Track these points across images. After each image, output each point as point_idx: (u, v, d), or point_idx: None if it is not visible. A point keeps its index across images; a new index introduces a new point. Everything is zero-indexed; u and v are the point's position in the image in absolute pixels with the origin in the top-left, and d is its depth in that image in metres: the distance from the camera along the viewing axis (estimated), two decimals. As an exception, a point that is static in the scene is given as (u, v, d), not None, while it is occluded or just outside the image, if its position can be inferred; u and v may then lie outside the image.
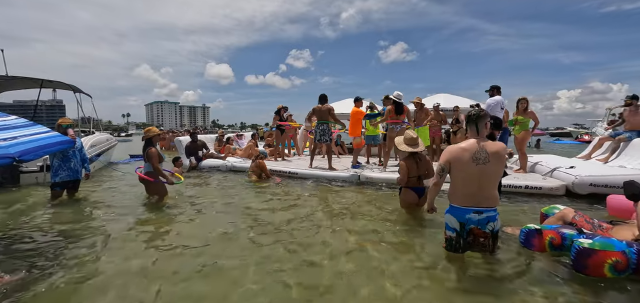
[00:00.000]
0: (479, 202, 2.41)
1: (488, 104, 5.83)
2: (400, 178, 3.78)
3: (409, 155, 3.82)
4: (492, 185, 2.43)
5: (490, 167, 2.38)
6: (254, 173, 6.04)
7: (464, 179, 2.42)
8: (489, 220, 2.46)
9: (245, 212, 4.09)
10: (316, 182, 5.92)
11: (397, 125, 5.92)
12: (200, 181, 6.28)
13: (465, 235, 2.49)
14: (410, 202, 3.82)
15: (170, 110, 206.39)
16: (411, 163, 3.76)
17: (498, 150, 2.42)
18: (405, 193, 3.85)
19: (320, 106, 6.48)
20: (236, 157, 8.04)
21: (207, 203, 4.48)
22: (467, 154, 2.38)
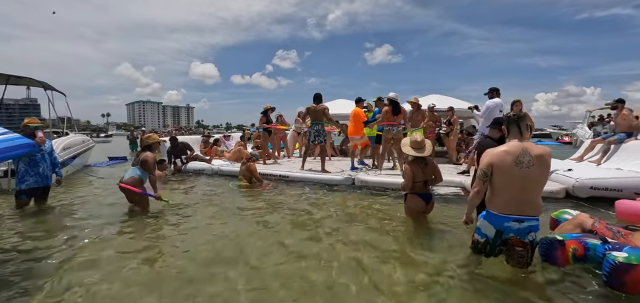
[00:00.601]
0: (522, 210, 2.23)
1: (487, 106, 5.71)
2: (405, 184, 3.55)
3: (413, 160, 3.60)
4: (536, 191, 2.27)
5: (535, 171, 2.21)
6: (244, 177, 5.67)
7: (505, 184, 2.26)
8: (531, 230, 2.28)
9: (233, 222, 3.75)
10: (309, 186, 5.62)
11: (394, 127, 5.70)
12: (184, 187, 5.86)
13: (499, 243, 2.32)
14: (417, 209, 3.59)
15: (153, 110, 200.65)
16: (416, 167, 3.53)
17: (542, 153, 2.25)
18: (411, 200, 3.61)
19: (314, 106, 6.20)
20: (223, 160, 7.63)
21: (193, 214, 4.09)
22: (510, 157, 2.23)
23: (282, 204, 4.52)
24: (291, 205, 4.48)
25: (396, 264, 2.56)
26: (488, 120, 5.64)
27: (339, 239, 3.13)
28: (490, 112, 5.65)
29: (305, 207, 4.38)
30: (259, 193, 5.18)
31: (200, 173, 6.95)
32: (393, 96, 5.78)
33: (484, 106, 5.78)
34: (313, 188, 5.47)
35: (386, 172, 5.96)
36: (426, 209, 3.60)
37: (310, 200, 4.74)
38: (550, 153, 2.27)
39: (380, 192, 5.14)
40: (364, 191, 5.26)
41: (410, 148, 3.61)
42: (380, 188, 5.28)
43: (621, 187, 4.45)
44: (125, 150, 15.13)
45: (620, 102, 6.63)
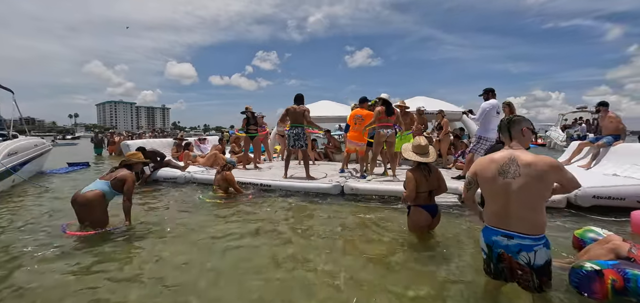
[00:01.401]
0: (508, 224, 1.95)
1: (483, 108, 5.40)
2: (408, 194, 3.09)
3: (416, 166, 3.16)
4: (526, 204, 1.90)
5: (521, 182, 1.89)
6: (219, 187, 5.04)
7: (490, 194, 2.06)
8: (522, 249, 1.91)
9: (205, 242, 3.16)
10: (293, 196, 5.09)
11: (388, 129, 5.28)
12: (152, 199, 5.15)
13: (495, 260, 2.04)
14: (423, 223, 3.15)
15: (126, 111, 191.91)
16: (419, 175, 3.09)
17: (533, 162, 1.89)
18: (415, 213, 3.17)
19: (295, 107, 5.66)
20: (197, 166, 6.92)
21: (159, 232, 3.45)
22: (494, 166, 2.01)
23: (264, 221, 3.94)
24: (274, 221, 3.92)
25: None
26: (486, 123, 5.38)
27: (336, 269, 2.62)
28: (487, 115, 5.37)
29: (290, 224, 3.84)
30: (236, 206, 4.57)
31: (171, 182, 6.22)
32: (385, 96, 5.37)
33: (480, 109, 5.47)
34: (298, 199, 4.94)
35: (379, 179, 5.51)
36: (432, 223, 3.18)
37: (296, 215, 4.21)
38: (547, 163, 1.88)
39: (374, 202, 4.68)
40: (355, 201, 4.77)
41: (413, 153, 3.18)
42: (373, 197, 4.82)
43: (624, 196, 4.23)
44: (90, 154, 13.89)
45: (604, 105, 6.60)
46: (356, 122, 5.85)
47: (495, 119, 5.40)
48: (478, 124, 5.48)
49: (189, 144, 7.72)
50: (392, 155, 5.47)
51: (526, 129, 2.06)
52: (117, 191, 3.41)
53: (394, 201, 4.66)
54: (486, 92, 5.58)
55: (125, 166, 3.55)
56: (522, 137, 2.05)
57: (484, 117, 5.34)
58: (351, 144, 6.04)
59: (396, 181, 5.26)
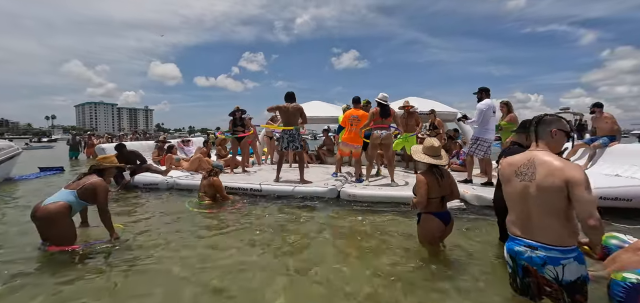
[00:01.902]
0: (530, 233, 1.74)
1: (479, 110, 5.20)
2: (419, 201, 2.80)
3: (428, 169, 2.87)
4: (547, 211, 1.67)
5: (538, 186, 1.68)
6: (206, 194, 4.61)
7: (508, 199, 1.89)
8: (547, 262, 1.67)
9: (195, 260, 2.77)
10: (286, 201, 4.73)
11: (383, 130, 4.99)
12: (131, 207, 4.69)
13: (521, 274, 1.82)
14: (435, 233, 2.86)
15: (107, 112, 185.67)
16: (432, 179, 2.80)
17: (552, 169, 1.64)
18: (427, 222, 2.87)
19: (286, 105, 5.31)
20: (181, 171, 6.44)
21: (137, 247, 3.04)
22: (512, 168, 1.84)
23: (256, 231, 3.57)
24: (268, 231, 3.56)
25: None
26: (483, 123, 5.21)
27: (340, 285, 2.30)
28: (484, 115, 5.19)
29: (286, 234, 3.49)
30: (225, 215, 4.17)
31: (152, 188, 5.72)
32: (381, 98, 5.08)
33: (476, 110, 5.28)
34: (292, 204, 4.59)
35: (376, 183, 5.23)
36: (445, 232, 2.90)
37: (291, 224, 3.85)
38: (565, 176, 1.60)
39: (372, 208, 4.38)
40: (351, 206, 4.46)
41: (426, 155, 2.88)
42: (371, 203, 4.52)
43: (631, 196, 4.10)
44: (66, 158, 13.05)
45: (598, 105, 6.59)
46: (352, 124, 5.56)
47: (492, 119, 5.26)
48: (475, 126, 5.30)
49: (172, 147, 7.20)
50: (389, 158, 5.18)
51: (557, 131, 1.76)
52: (85, 201, 2.97)
53: (394, 207, 4.38)
54: (480, 91, 5.41)
55: (96, 172, 3.10)
56: (551, 140, 1.77)
57: (482, 119, 5.17)
58: (346, 146, 5.73)
59: (394, 186, 4.98)
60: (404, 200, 4.44)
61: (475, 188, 4.68)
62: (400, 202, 4.44)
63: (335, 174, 5.69)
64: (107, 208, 3.02)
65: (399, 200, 4.47)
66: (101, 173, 3.10)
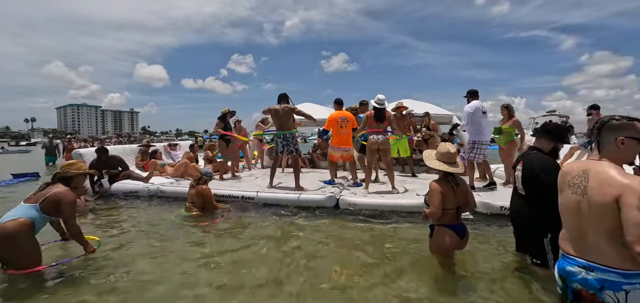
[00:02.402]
0: (584, 251, 1.52)
1: (466, 113, 4.98)
2: (433, 211, 2.52)
3: (442, 177, 2.60)
4: (600, 229, 1.43)
5: (588, 200, 1.46)
6: (194, 204, 4.20)
7: (561, 210, 1.69)
8: (606, 286, 1.42)
9: (172, 279, 2.41)
10: (280, 210, 4.38)
11: (379, 135, 4.71)
12: (107, 218, 4.26)
13: (571, 298, 1.60)
14: (450, 246, 2.59)
15: (90, 115, 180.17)
16: (447, 188, 2.53)
17: (602, 182, 1.41)
18: (441, 235, 2.60)
19: (278, 107, 4.97)
20: (165, 177, 6.00)
21: (114, 263, 2.65)
22: (566, 177, 1.65)
23: (248, 244, 3.23)
24: (263, 245, 3.20)
25: None
26: (475, 125, 4.96)
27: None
28: (472, 117, 4.95)
29: (284, 249, 3.15)
30: (215, 227, 3.80)
31: (133, 197, 5.25)
32: (377, 101, 4.78)
33: (464, 113, 5.07)
34: (287, 213, 4.25)
35: (376, 191, 4.94)
36: (460, 245, 2.64)
37: (289, 236, 3.51)
38: (615, 192, 1.35)
39: (374, 217, 4.08)
40: (351, 215, 4.15)
41: (440, 162, 2.62)
42: (373, 212, 4.21)
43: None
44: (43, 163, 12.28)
45: (595, 108, 6.55)
46: (342, 125, 5.28)
47: (483, 119, 5.01)
48: (464, 130, 5.10)
49: (156, 151, 6.73)
50: (388, 164, 4.90)
51: (626, 139, 1.46)
52: (49, 215, 2.57)
53: (396, 215, 4.10)
54: (469, 94, 5.26)
55: (61, 180, 2.70)
56: (616, 151, 1.48)
57: (471, 121, 4.94)
58: (336, 150, 5.42)
59: (396, 193, 4.71)
60: (407, 208, 4.18)
61: (481, 195, 4.46)
62: (403, 210, 4.18)
63: (332, 182, 5.39)
64: (74, 221, 2.62)
65: (402, 208, 4.19)
66: (67, 182, 2.70)
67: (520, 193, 2.55)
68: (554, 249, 2.44)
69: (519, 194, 2.57)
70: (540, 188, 2.35)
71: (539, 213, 2.40)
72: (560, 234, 1.70)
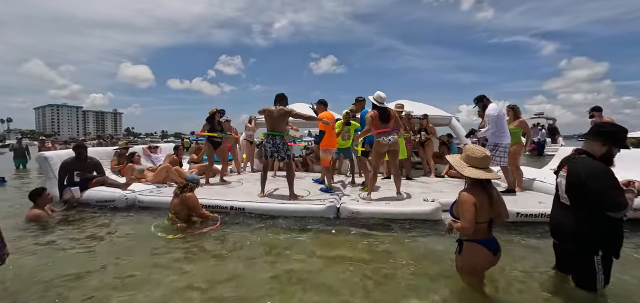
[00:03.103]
0: None
1: (492, 116, 4.74)
2: (465, 226, 2.12)
3: (474, 185, 2.20)
4: None
5: None
6: (177, 216, 3.67)
7: None
8: None
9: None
10: (274, 221, 3.91)
11: (388, 136, 4.31)
12: (75, 231, 3.69)
13: None
14: (483, 265, 2.22)
15: (71, 116, 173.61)
16: (482, 198, 2.13)
17: None
18: (472, 252, 2.20)
19: (273, 108, 4.51)
20: (144, 184, 5.42)
21: (79, 284, 2.14)
22: None
23: (239, 261, 2.74)
24: (254, 260, 2.74)
25: None
26: (500, 128, 4.75)
27: None
28: (498, 120, 4.76)
29: (278, 265, 2.69)
30: (203, 242, 3.29)
31: (108, 206, 4.63)
32: (377, 98, 4.37)
33: (489, 119, 4.79)
34: (283, 225, 3.77)
35: (379, 197, 4.53)
36: (493, 263, 2.25)
37: (284, 250, 3.04)
38: None
39: (379, 227, 3.67)
40: (355, 226, 3.71)
41: (473, 168, 2.22)
42: (378, 221, 3.81)
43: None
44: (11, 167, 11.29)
45: (598, 110, 6.40)
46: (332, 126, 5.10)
47: (505, 121, 4.84)
48: (491, 133, 4.81)
49: (134, 154, 6.12)
50: (395, 168, 4.50)
51: None
52: None
53: (404, 224, 3.71)
54: (482, 99, 5.00)
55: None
56: None
57: (497, 123, 4.76)
58: (328, 153, 5.17)
59: (401, 199, 4.31)
60: (417, 215, 3.80)
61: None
62: (412, 218, 3.78)
63: (329, 190, 4.98)
64: None
65: (412, 216, 3.80)
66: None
67: (564, 203, 2.19)
68: (606, 269, 2.09)
69: (562, 204, 2.21)
70: (587, 197, 2.02)
71: (589, 225, 2.06)
72: None
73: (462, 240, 2.30)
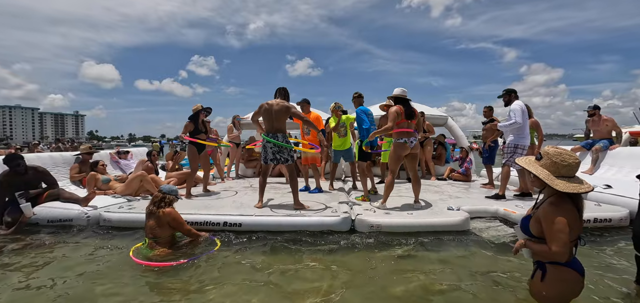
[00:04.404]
0: None
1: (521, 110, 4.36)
2: (560, 250, 1.67)
3: (562, 198, 1.73)
4: None
5: None
6: (156, 239, 2.85)
7: None
8: None
9: None
10: (278, 238, 3.23)
11: (412, 139, 3.77)
12: (23, 260, 2.81)
13: None
14: (574, 290, 1.80)
15: (25, 118, 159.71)
16: (573, 213, 1.72)
17: None
18: (562, 278, 1.77)
19: (270, 103, 3.84)
20: (112, 196, 4.49)
21: None
22: None
23: (239, 297, 2.07)
24: (259, 293, 2.08)
25: None
26: (522, 127, 4.39)
27: None
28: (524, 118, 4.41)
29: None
30: (191, 273, 2.55)
31: (64, 226, 3.70)
32: (402, 93, 3.86)
33: (515, 112, 4.38)
34: (287, 242, 3.12)
35: (395, 208, 3.98)
36: (582, 287, 1.82)
37: (295, 278, 2.40)
38: None
39: (401, 240, 3.11)
40: (374, 240, 3.15)
41: (562, 179, 1.73)
42: (401, 233, 3.25)
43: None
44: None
45: (597, 108, 6.40)
46: None
47: (527, 121, 4.48)
48: (513, 132, 4.41)
49: (97, 162, 5.07)
50: (415, 173, 3.96)
51: None
52: None
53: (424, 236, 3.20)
54: (510, 93, 4.59)
55: None
56: None
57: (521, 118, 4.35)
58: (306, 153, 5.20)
59: (422, 208, 3.79)
60: (446, 227, 3.32)
61: (523, 207, 3.70)
62: (441, 230, 3.28)
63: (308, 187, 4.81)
64: None
65: (440, 227, 3.31)
66: None
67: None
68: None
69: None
70: None
71: None
72: None
73: (543, 263, 1.81)
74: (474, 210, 3.80)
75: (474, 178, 6.68)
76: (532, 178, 1.87)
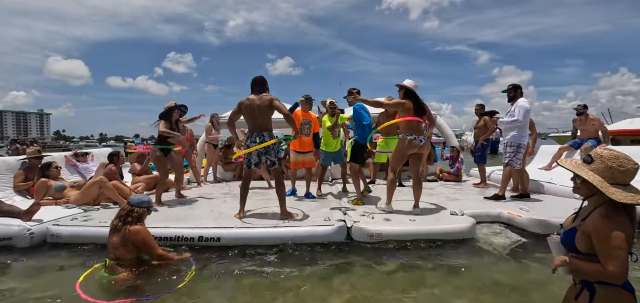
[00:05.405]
0: None
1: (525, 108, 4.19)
2: (619, 271, 1.36)
3: (617, 212, 1.44)
4: None
5: None
6: (119, 262, 2.33)
7: None
8: None
9: None
10: (263, 252, 2.78)
11: (421, 137, 3.42)
12: None
13: None
14: None
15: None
16: (631, 231, 1.41)
17: None
18: (616, 300, 1.46)
19: (252, 98, 3.36)
20: (64, 207, 3.80)
21: None
22: None
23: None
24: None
25: None
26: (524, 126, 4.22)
27: None
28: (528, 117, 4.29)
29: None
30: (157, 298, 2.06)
31: (3, 250, 2.99)
32: (413, 85, 3.50)
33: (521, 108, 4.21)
34: (274, 258, 2.68)
35: (396, 212, 3.62)
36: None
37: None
38: None
39: (400, 251, 2.76)
40: (372, 251, 2.78)
41: (618, 188, 1.43)
42: (404, 242, 2.90)
43: None
44: None
45: (585, 107, 6.44)
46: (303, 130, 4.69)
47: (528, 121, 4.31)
48: (516, 130, 4.22)
49: (49, 165, 4.25)
50: (416, 175, 3.62)
51: None
52: None
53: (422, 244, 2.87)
54: (515, 88, 4.40)
55: None
56: None
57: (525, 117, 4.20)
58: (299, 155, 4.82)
59: (423, 215, 3.46)
60: (451, 234, 3.02)
61: (528, 210, 3.46)
62: (446, 238, 2.97)
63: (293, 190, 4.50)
64: None
65: (446, 235, 3.00)
66: None
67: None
68: None
69: None
70: None
71: None
72: None
73: (590, 283, 1.51)
74: (477, 214, 3.53)
75: (464, 178, 6.51)
76: (579, 184, 1.56)
